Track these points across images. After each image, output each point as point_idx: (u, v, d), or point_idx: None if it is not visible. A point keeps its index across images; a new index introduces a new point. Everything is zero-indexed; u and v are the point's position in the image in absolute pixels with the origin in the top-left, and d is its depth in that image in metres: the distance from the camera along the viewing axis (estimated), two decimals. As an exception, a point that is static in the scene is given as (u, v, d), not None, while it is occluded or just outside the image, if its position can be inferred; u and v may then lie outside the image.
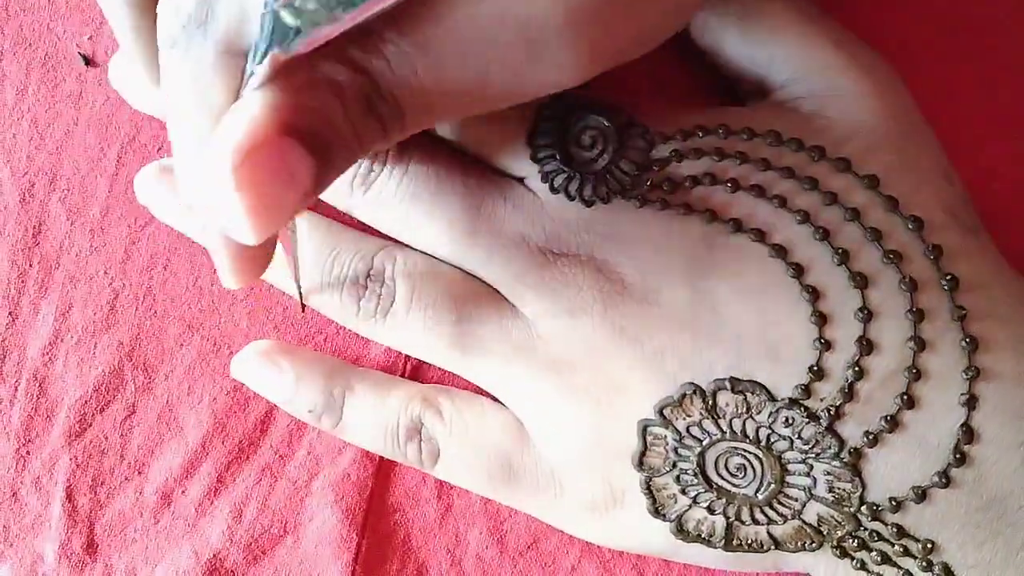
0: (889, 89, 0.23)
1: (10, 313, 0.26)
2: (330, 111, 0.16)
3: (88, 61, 0.26)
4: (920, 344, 0.21)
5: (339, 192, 0.24)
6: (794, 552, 0.22)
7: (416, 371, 0.26)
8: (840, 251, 0.21)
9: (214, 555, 0.25)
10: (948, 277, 0.21)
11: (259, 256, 0.20)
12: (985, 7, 0.25)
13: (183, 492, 0.26)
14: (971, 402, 0.20)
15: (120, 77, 0.26)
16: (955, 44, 0.25)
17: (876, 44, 0.24)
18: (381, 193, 0.24)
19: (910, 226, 0.21)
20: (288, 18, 0.15)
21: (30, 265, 0.26)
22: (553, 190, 0.23)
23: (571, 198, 0.23)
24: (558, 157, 0.23)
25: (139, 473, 0.26)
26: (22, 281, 0.26)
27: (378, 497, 0.26)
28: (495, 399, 0.25)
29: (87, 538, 0.26)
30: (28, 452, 0.26)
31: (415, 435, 0.24)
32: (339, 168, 0.17)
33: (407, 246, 0.25)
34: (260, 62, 0.15)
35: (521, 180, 0.24)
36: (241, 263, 0.19)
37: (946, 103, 0.24)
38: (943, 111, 0.23)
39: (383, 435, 0.25)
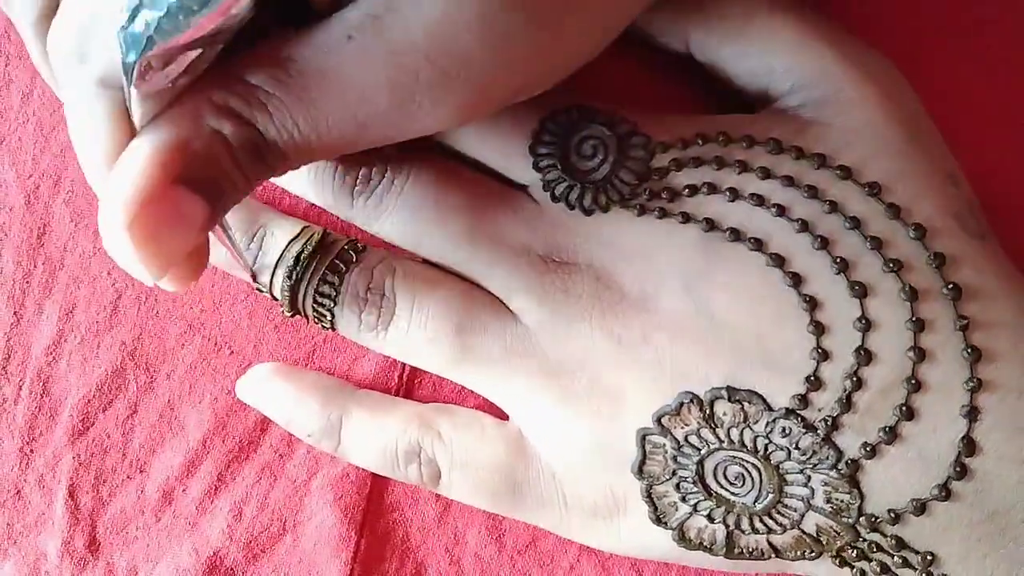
0: (892, 92, 0.22)
1: (15, 313, 0.26)
2: (219, 158, 0.17)
3: (91, 62, 0.27)
4: (920, 355, 0.20)
5: (340, 203, 0.24)
6: (794, 560, 0.22)
7: (414, 373, 0.26)
8: (839, 260, 0.21)
9: (214, 553, 0.26)
10: (950, 286, 0.20)
11: (189, 263, 0.20)
12: (986, 6, 0.25)
13: (184, 490, 0.26)
14: (972, 414, 0.20)
15: None
16: (955, 43, 0.25)
17: (875, 44, 0.23)
18: (382, 203, 0.24)
19: (912, 234, 0.21)
20: (138, 28, 0.15)
21: (35, 266, 0.26)
22: (554, 199, 0.23)
23: (571, 207, 0.23)
24: (559, 166, 0.23)
25: (141, 471, 0.26)
26: (27, 282, 0.26)
27: (377, 496, 0.26)
28: (496, 408, 0.25)
29: (89, 536, 0.26)
30: (32, 450, 0.26)
31: (414, 458, 0.24)
32: (231, 204, 0.18)
33: (407, 256, 0.25)
34: (129, 81, 0.16)
35: (523, 188, 0.24)
36: (173, 273, 0.20)
37: (946, 103, 0.24)
38: (942, 110, 0.23)
39: (383, 458, 0.25)
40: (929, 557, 0.21)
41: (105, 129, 0.17)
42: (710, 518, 0.22)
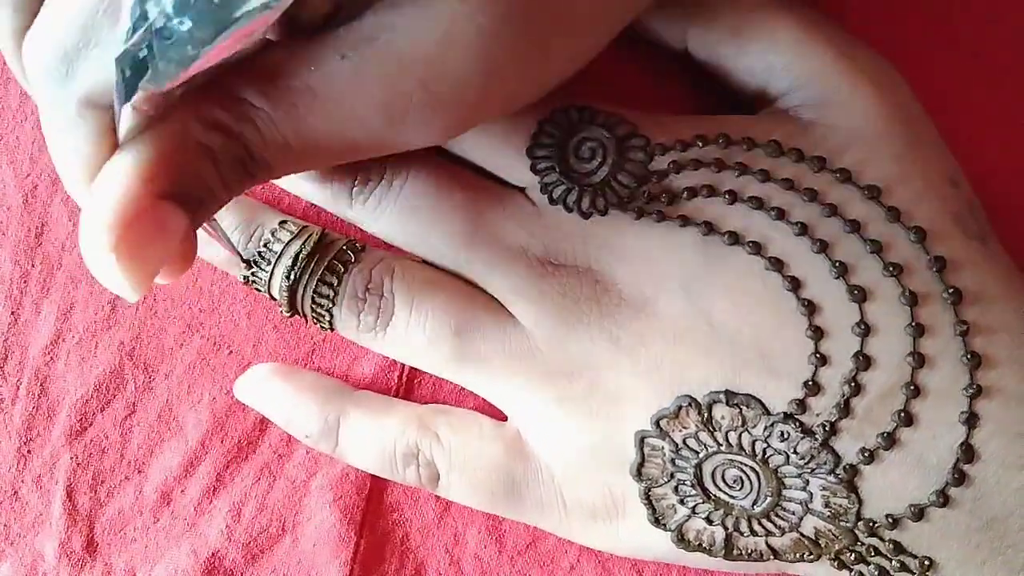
0: (891, 93, 0.22)
1: (12, 312, 0.26)
2: (203, 172, 0.17)
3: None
4: (919, 360, 0.20)
5: (339, 203, 0.24)
6: (793, 562, 0.22)
7: (413, 373, 0.26)
8: (838, 264, 0.21)
9: (213, 554, 0.26)
10: (950, 290, 0.20)
11: (177, 258, 0.20)
12: (986, 6, 0.25)
13: (182, 491, 0.26)
14: (971, 420, 0.20)
15: None
16: (954, 43, 0.25)
17: (874, 44, 0.23)
18: (380, 203, 0.24)
19: (912, 237, 0.21)
20: (141, 52, 0.15)
21: (32, 265, 0.26)
22: (552, 201, 0.23)
23: (569, 210, 0.23)
24: (558, 169, 0.23)
25: (139, 472, 0.26)
26: (24, 281, 0.26)
27: (376, 496, 0.26)
28: (495, 409, 0.25)
29: (87, 537, 0.26)
30: (29, 451, 0.26)
31: (413, 460, 0.24)
32: (211, 213, 0.18)
33: (407, 256, 0.25)
34: (123, 101, 0.16)
35: (522, 191, 0.24)
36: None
37: (946, 103, 0.23)
38: (942, 110, 0.23)
39: (381, 460, 0.25)
40: (927, 562, 0.21)
41: (89, 148, 0.17)
42: (709, 520, 0.22)
